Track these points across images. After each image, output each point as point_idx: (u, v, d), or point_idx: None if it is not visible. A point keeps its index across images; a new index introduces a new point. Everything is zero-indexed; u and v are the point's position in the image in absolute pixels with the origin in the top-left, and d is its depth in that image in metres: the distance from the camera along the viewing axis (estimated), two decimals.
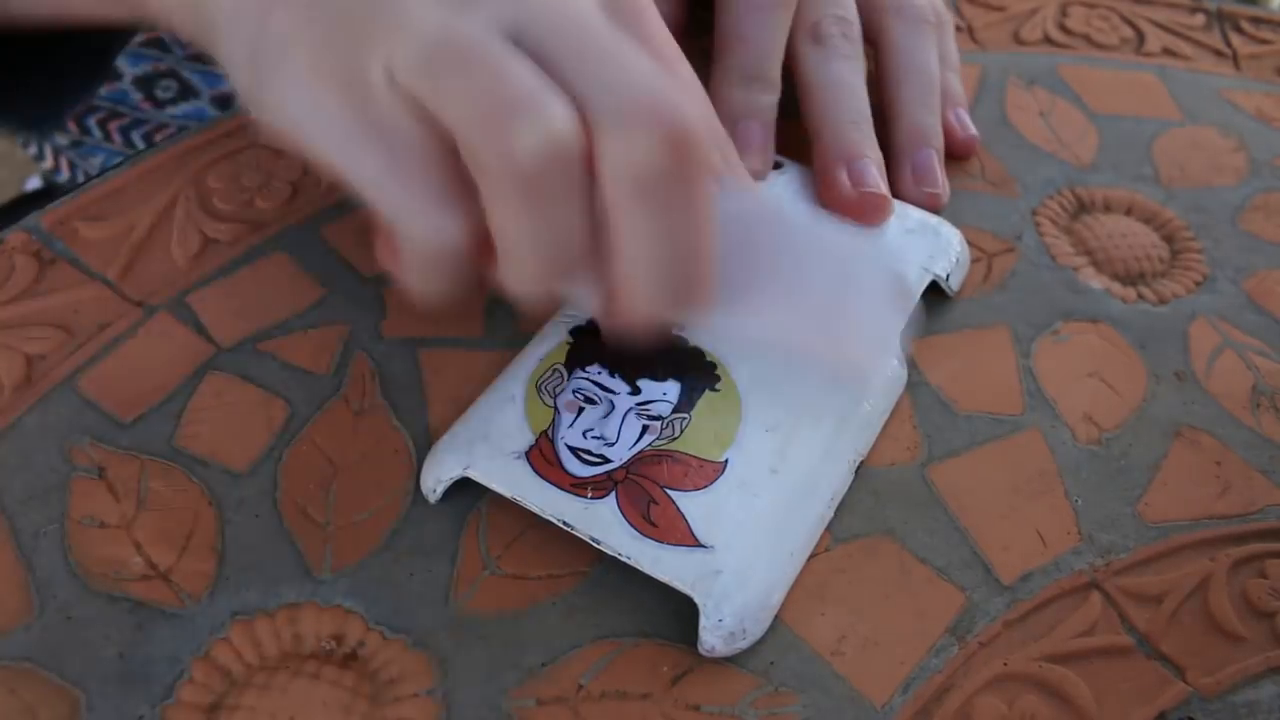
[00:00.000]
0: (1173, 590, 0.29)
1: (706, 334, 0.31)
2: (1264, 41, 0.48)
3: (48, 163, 0.61)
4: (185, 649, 0.26)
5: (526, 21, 0.23)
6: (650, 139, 0.22)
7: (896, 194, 0.35)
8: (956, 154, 0.39)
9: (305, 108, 0.24)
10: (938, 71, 0.39)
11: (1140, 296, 0.36)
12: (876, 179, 0.35)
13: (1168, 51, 0.47)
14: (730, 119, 0.36)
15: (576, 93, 0.23)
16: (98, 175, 0.36)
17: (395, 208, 0.24)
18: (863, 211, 0.34)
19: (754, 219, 0.27)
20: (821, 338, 0.28)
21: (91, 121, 0.57)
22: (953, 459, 0.31)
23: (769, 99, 0.36)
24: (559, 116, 0.22)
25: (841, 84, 0.36)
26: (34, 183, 0.68)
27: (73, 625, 0.27)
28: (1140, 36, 0.48)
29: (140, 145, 0.57)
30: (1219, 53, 0.47)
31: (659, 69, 0.24)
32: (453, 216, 0.24)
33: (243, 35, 0.25)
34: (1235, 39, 0.48)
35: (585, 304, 0.27)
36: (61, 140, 0.58)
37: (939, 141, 0.37)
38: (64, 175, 0.60)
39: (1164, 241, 0.38)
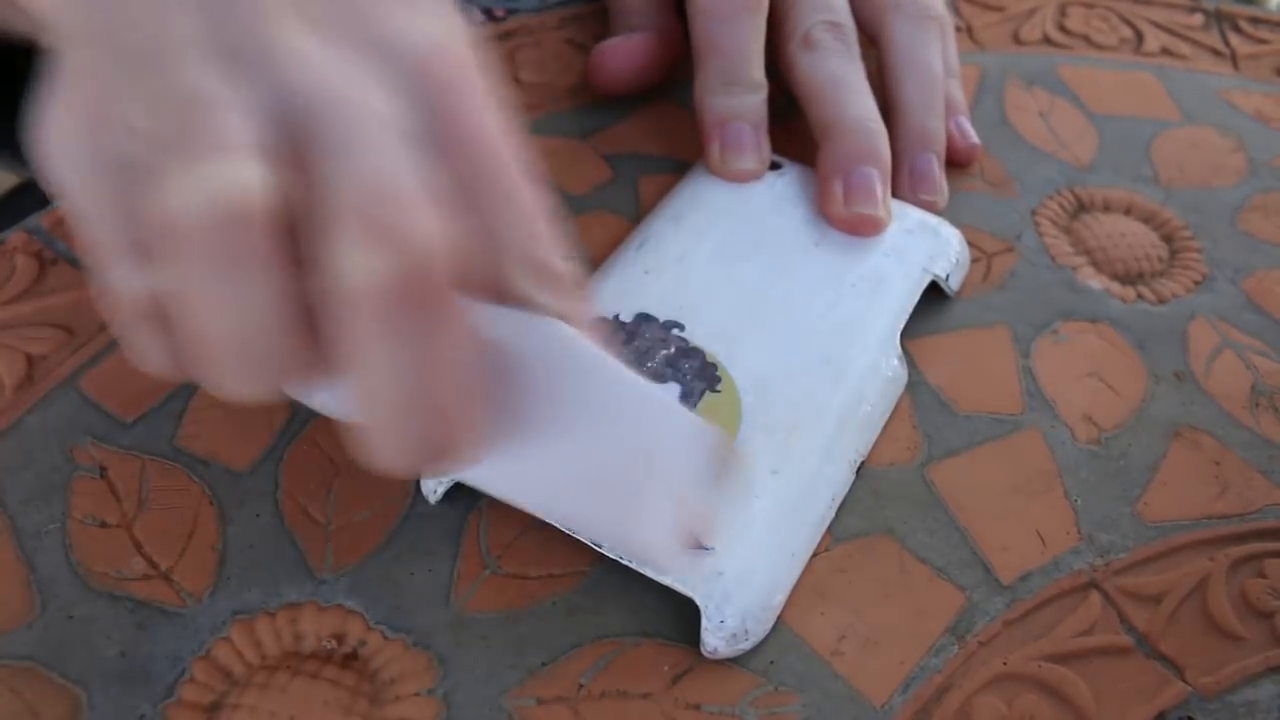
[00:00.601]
0: (1172, 590, 0.29)
1: (700, 338, 0.31)
2: (1262, 41, 0.48)
3: None
4: (186, 648, 0.26)
5: (295, 101, 0.20)
6: (380, 253, 0.19)
7: (894, 195, 0.35)
8: (957, 162, 0.39)
9: (54, 128, 0.21)
10: (941, 69, 0.38)
11: (1139, 296, 0.36)
12: (872, 192, 0.34)
13: (1166, 51, 0.47)
14: (718, 123, 0.36)
15: (318, 181, 0.19)
16: None
17: (89, 247, 0.21)
18: (853, 230, 0.34)
19: (539, 352, 0.23)
20: (599, 511, 0.23)
21: None
22: (952, 459, 0.31)
23: (754, 99, 0.36)
24: (231, 175, 0.19)
25: (840, 82, 0.36)
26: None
27: (74, 624, 0.27)
28: (1139, 36, 0.48)
29: None
30: (1217, 53, 0.47)
31: (425, 183, 0.20)
32: (134, 271, 0.21)
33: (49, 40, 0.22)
34: (1234, 39, 0.48)
35: (335, 411, 0.24)
36: None
37: (940, 145, 0.37)
38: None
39: (1163, 241, 0.38)
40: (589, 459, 0.23)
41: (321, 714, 0.25)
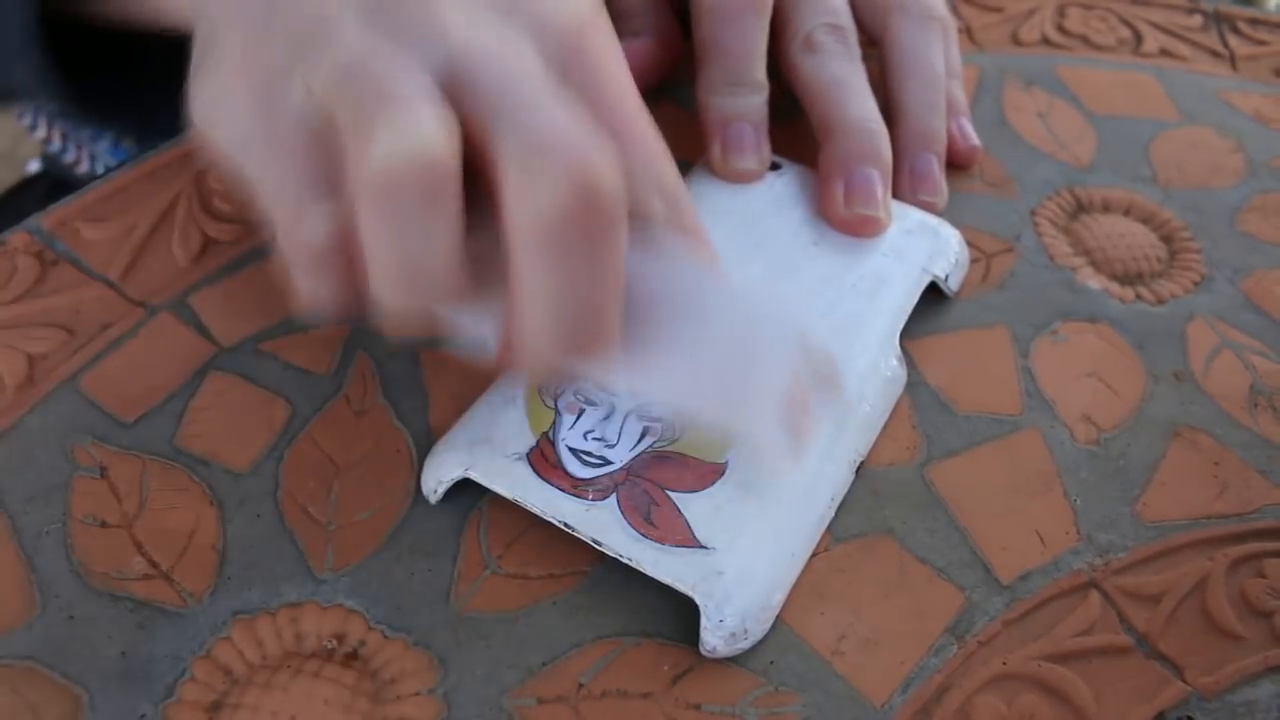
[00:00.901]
0: (1171, 590, 0.29)
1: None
2: (1261, 42, 0.48)
3: (41, 132, 0.61)
4: (187, 648, 0.26)
5: (457, 61, 0.23)
6: (556, 185, 0.22)
7: (894, 196, 0.35)
8: (958, 164, 0.39)
9: (219, 102, 0.25)
10: (943, 70, 0.38)
11: (1138, 297, 0.36)
12: (872, 193, 0.34)
13: (1165, 52, 0.47)
14: (719, 123, 0.36)
15: (490, 132, 0.22)
16: (97, 177, 0.37)
17: (271, 202, 0.24)
18: (853, 231, 0.34)
19: (666, 277, 0.26)
20: (714, 403, 0.26)
21: None
22: (952, 459, 0.31)
23: (756, 100, 0.36)
24: (427, 128, 0.22)
25: (841, 83, 0.36)
26: (34, 166, 0.68)
27: (75, 624, 0.27)
28: (1138, 37, 0.48)
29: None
30: (1216, 54, 0.47)
31: (586, 126, 0.23)
32: (320, 214, 0.24)
33: (200, 25, 0.26)
34: (1233, 40, 0.48)
35: (476, 339, 0.26)
36: (53, 107, 0.58)
37: (941, 146, 0.37)
38: (56, 145, 0.60)
39: (1162, 242, 0.39)
40: (706, 357, 0.26)
41: (322, 713, 0.25)
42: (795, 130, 0.38)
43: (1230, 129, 0.43)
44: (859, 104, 0.36)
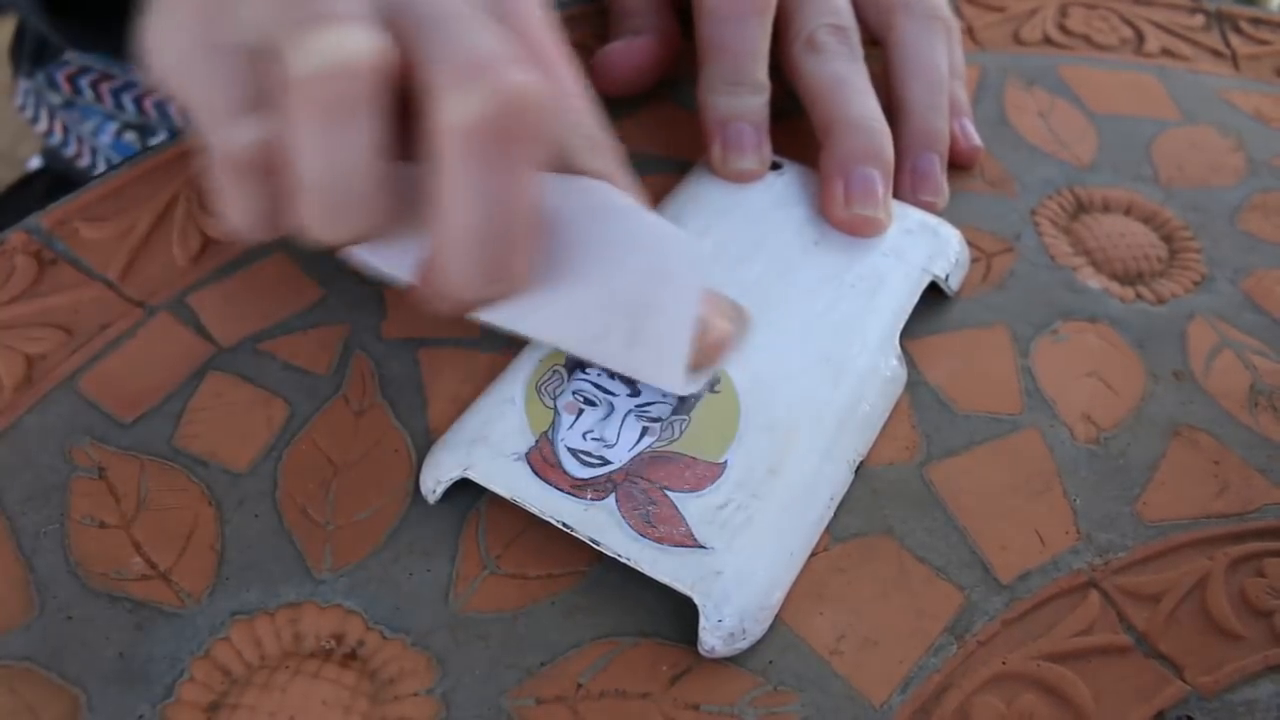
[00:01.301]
0: (1171, 589, 0.29)
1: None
2: (1263, 42, 0.48)
3: (42, 125, 0.61)
4: (185, 648, 0.26)
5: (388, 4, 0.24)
6: (480, 95, 0.23)
7: (895, 195, 0.35)
8: (959, 164, 0.39)
9: (164, 25, 0.26)
10: (946, 70, 0.38)
11: (1139, 296, 0.36)
12: (873, 193, 0.34)
13: (1167, 52, 0.47)
14: (720, 123, 0.36)
15: (420, 54, 0.24)
16: (96, 177, 0.36)
17: (202, 117, 0.26)
18: (853, 231, 0.34)
19: (578, 207, 0.27)
20: (612, 339, 0.27)
21: (84, 82, 0.57)
22: (951, 458, 0.31)
23: (757, 100, 0.36)
24: (356, 39, 0.23)
25: (843, 82, 0.36)
26: (35, 162, 0.68)
27: (73, 625, 0.27)
28: (1140, 37, 0.48)
29: (129, 108, 0.57)
30: (1218, 53, 0.47)
31: (510, 46, 0.24)
32: (246, 125, 0.24)
33: None
34: (1234, 39, 0.48)
35: (395, 269, 0.28)
36: (55, 99, 0.59)
37: (944, 146, 0.37)
38: (57, 138, 0.61)
39: (1162, 241, 0.38)
40: (614, 285, 0.27)
41: (321, 714, 0.25)
42: (795, 130, 0.38)
43: (1231, 128, 0.43)
44: (861, 103, 0.36)
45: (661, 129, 0.40)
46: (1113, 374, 0.34)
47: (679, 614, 0.27)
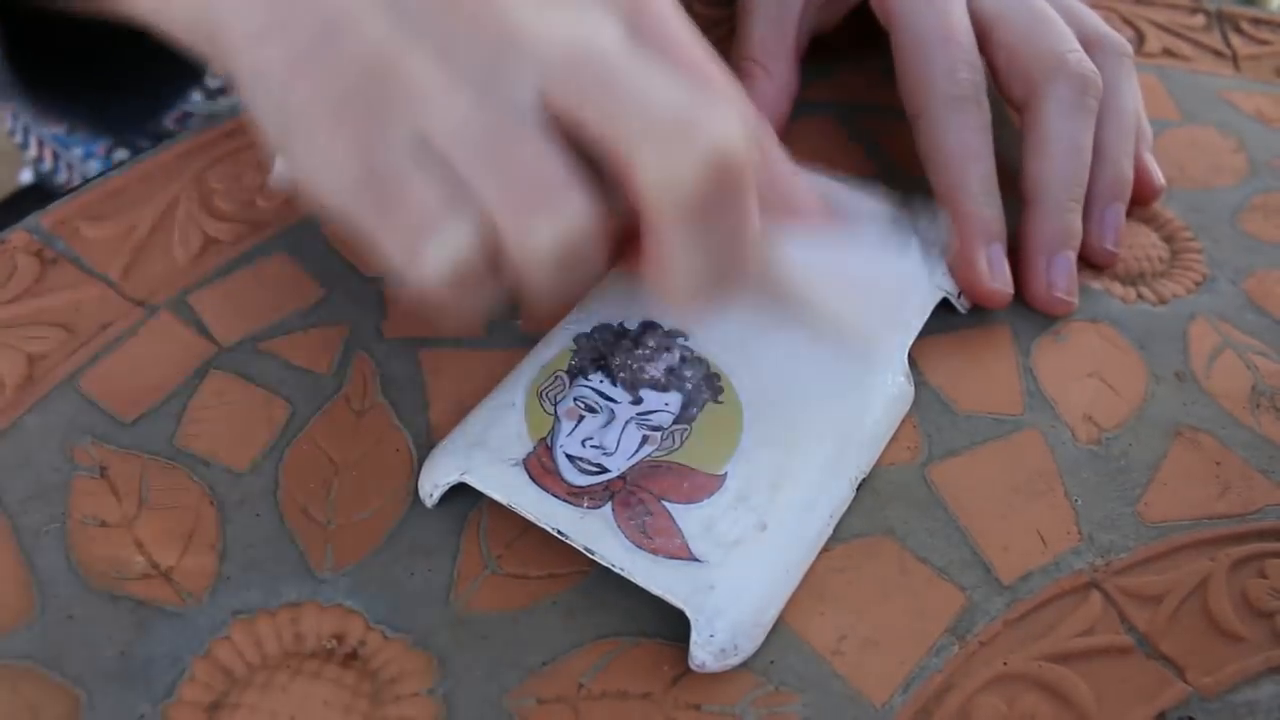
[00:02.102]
0: (1172, 590, 0.29)
1: (705, 348, 0.31)
2: (1264, 42, 0.48)
3: (32, 152, 0.61)
4: (186, 648, 0.26)
5: (551, 78, 0.23)
6: (691, 160, 0.22)
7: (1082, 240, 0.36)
8: (1141, 202, 0.39)
9: (318, 160, 0.24)
10: (1134, 110, 0.38)
11: (1140, 297, 0.36)
12: (1072, 278, 0.35)
13: (1168, 52, 0.47)
14: (986, 236, 0.35)
15: (605, 126, 0.23)
16: (94, 177, 0.36)
17: (387, 244, 0.24)
18: (1048, 310, 0.35)
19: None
20: (852, 304, 0.28)
21: None
22: (953, 459, 0.31)
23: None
24: (579, 210, 0.23)
25: (1079, 149, 0.36)
26: (26, 176, 0.68)
27: (74, 624, 0.27)
28: (1140, 37, 0.48)
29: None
30: (1219, 53, 0.47)
31: (689, 87, 0.23)
32: (456, 231, 0.23)
33: (270, 99, 0.25)
34: (1235, 40, 0.48)
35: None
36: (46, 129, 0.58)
37: (1128, 193, 0.37)
38: (46, 165, 0.60)
39: (1163, 242, 0.38)
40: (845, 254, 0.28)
41: (322, 714, 0.25)
42: (797, 129, 0.38)
43: (1232, 129, 0.43)
44: (1069, 183, 0.36)
45: None
46: (1114, 374, 0.34)
47: (680, 615, 0.27)
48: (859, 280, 0.28)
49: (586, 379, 0.30)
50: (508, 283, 0.24)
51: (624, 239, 0.25)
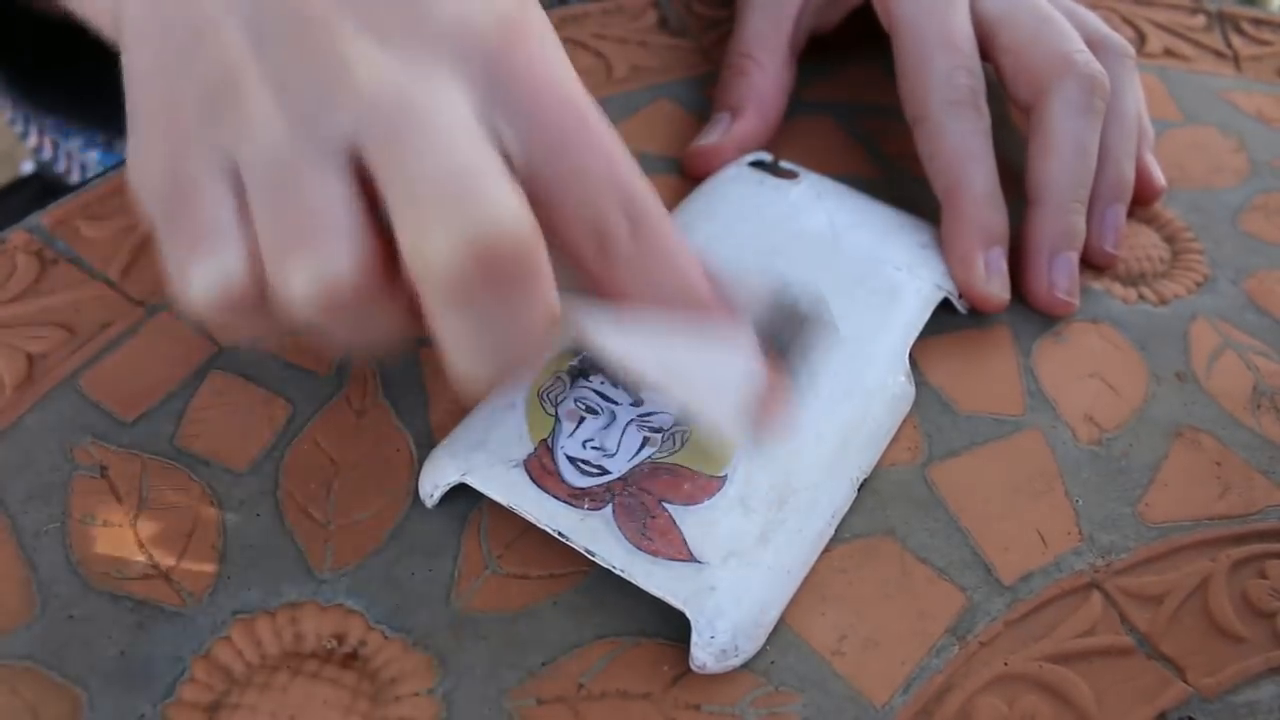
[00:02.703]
0: (1173, 590, 0.29)
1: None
2: (1264, 43, 0.48)
3: (32, 141, 0.61)
4: (186, 648, 0.26)
5: (361, 125, 0.22)
6: (446, 237, 0.21)
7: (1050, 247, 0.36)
8: (1142, 202, 0.39)
9: (138, 158, 0.24)
10: (1137, 111, 0.38)
11: (1141, 297, 0.36)
12: (1074, 278, 0.35)
13: (1169, 52, 0.47)
14: (986, 241, 0.35)
15: (386, 188, 0.22)
16: (95, 176, 0.36)
17: (169, 252, 0.24)
18: (1049, 310, 0.35)
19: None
20: (676, 382, 0.26)
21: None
22: (953, 459, 0.31)
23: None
24: (341, 255, 0.21)
25: (1085, 151, 0.36)
26: (28, 167, 0.68)
27: (74, 624, 0.27)
28: (1141, 37, 0.48)
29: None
30: (1220, 54, 0.47)
31: (481, 165, 0.22)
32: (210, 270, 0.23)
33: (131, 97, 0.25)
34: (1236, 40, 0.48)
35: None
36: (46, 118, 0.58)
37: (1129, 194, 0.37)
38: (47, 154, 0.61)
39: (1164, 242, 0.38)
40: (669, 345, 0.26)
41: (322, 714, 0.25)
42: (798, 131, 0.38)
43: (1233, 129, 0.43)
44: (1074, 183, 0.35)
45: (661, 129, 0.40)
46: (1115, 375, 0.34)
47: (680, 615, 0.27)
48: (688, 368, 0.26)
49: (587, 380, 0.30)
50: (282, 319, 0.23)
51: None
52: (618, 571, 0.27)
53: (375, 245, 0.22)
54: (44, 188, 0.62)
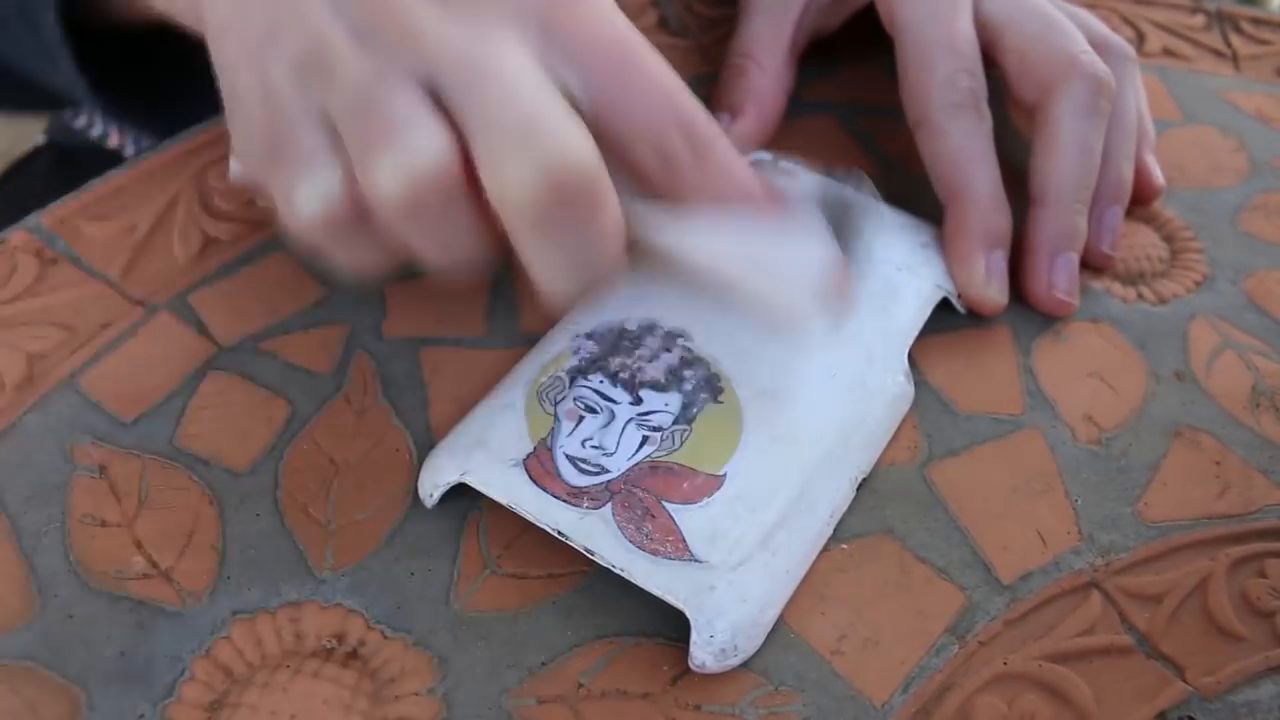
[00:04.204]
0: (1172, 590, 0.29)
1: (706, 348, 0.31)
2: (1264, 42, 0.48)
3: (83, 119, 0.60)
4: (186, 648, 0.26)
5: (434, 73, 0.25)
6: (523, 172, 0.24)
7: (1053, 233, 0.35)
8: (1141, 201, 0.39)
9: (242, 133, 0.27)
10: (1137, 113, 0.38)
11: (1140, 296, 0.36)
12: (1074, 278, 0.35)
13: (1168, 52, 0.47)
14: (987, 243, 0.35)
15: (465, 131, 0.24)
16: (95, 176, 0.36)
17: (264, 174, 0.27)
18: (1048, 310, 0.35)
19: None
20: (755, 272, 0.28)
21: None
22: (953, 459, 0.31)
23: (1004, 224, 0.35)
24: (423, 148, 0.24)
25: (1089, 149, 0.36)
26: (38, 139, 0.67)
27: (74, 624, 0.27)
28: (1141, 37, 0.48)
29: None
30: (1219, 53, 0.47)
31: (547, 105, 0.24)
32: (317, 187, 0.26)
33: (225, 86, 0.27)
34: (1235, 40, 0.48)
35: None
36: None
37: (1128, 196, 0.37)
38: (98, 130, 0.60)
39: (1164, 242, 0.38)
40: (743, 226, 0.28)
41: (322, 713, 0.25)
42: (800, 128, 0.38)
43: (1232, 129, 0.43)
44: (1077, 182, 0.35)
45: None
46: (1114, 374, 0.34)
47: (680, 615, 0.27)
48: (765, 258, 0.28)
49: (586, 379, 0.30)
50: (381, 234, 0.26)
51: None
52: (617, 571, 0.27)
53: (457, 147, 0.24)
54: (56, 157, 0.62)
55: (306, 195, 0.26)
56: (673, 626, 0.27)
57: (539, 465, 0.28)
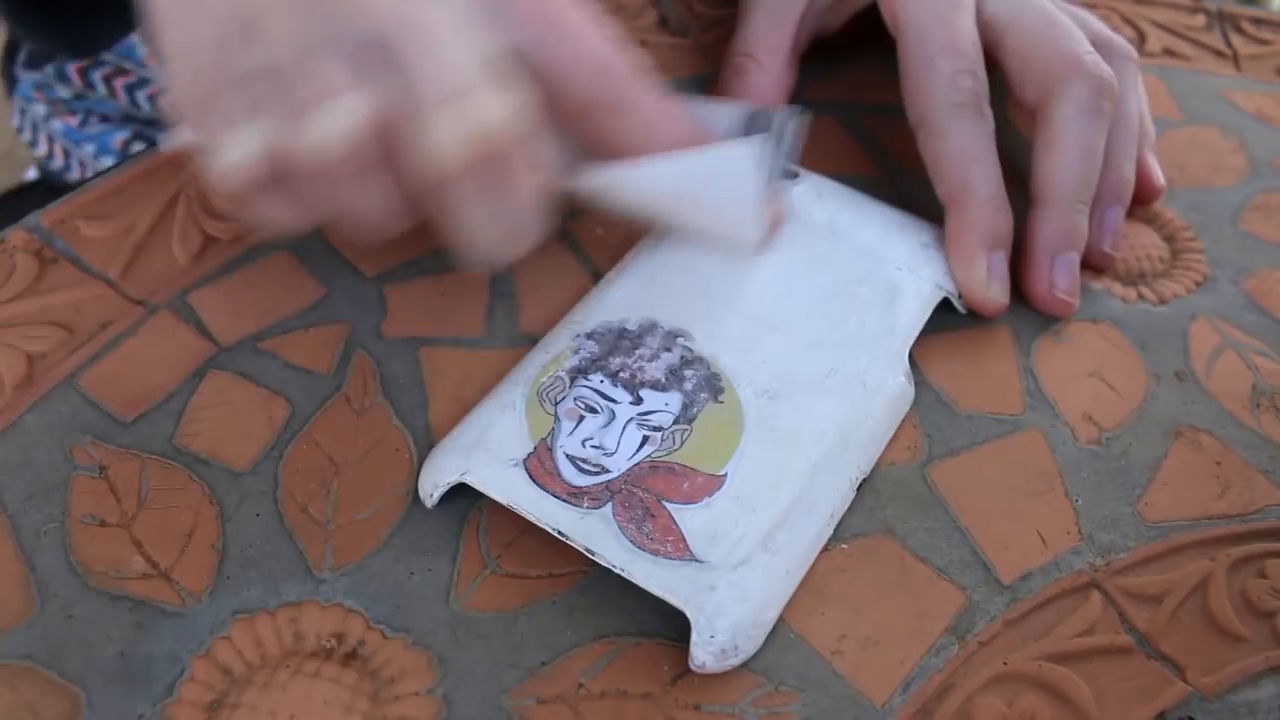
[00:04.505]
0: (1173, 590, 0.29)
1: (706, 348, 0.31)
2: (1264, 42, 0.48)
3: (41, 150, 0.61)
4: (186, 647, 0.26)
5: (374, 39, 0.25)
6: (448, 134, 0.25)
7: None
8: (1142, 201, 0.39)
9: (175, 89, 0.27)
10: (1138, 114, 0.38)
11: (1140, 296, 0.36)
12: (1076, 278, 0.35)
13: (1168, 52, 0.47)
14: (987, 243, 0.35)
15: (392, 89, 0.25)
16: (96, 175, 0.36)
17: (195, 129, 0.27)
18: (1049, 310, 0.35)
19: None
20: (688, 208, 0.31)
21: (96, 76, 0.57)
22: (953, 458, 0.31)
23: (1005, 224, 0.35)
24: (347, 112, 0.25)
25: (1091, 150, 0.36)
26: (31, 174, 0.68)
27: (73, 623, 0.27)
28: (1141, 37, 0.48)
29: (145, 106, 0.57)
30: (1220, 53, 0.47)
31: (472, 67, 0.25)
32: (249, 137, 0.26)
33: (179, 74, 0.28)
34: (1236, 39, 0.48)
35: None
36: (64, 93, 0.58)
37: (1129, 197, 0.37)
38: (58, 163, 0.60)
39: (1164, 241, 0.38)
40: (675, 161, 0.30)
41: (321, 713, 0.25)
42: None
43: (1233, 128, 0.43)
44: (1076, 182, 0.35)
45: None
46: (1114, 374, 0.34)
47: (680, 615, 0.27)
48: (696, 193, 0.31)
49: (587, 379, 0.30)
50: (303, 193, 0.27)
51: None
52: (617, 570, 0.27)
53: (381, 112, 0.25)
54: (48, 194, 0.62)
55: (231, 153, 0.26)
56: (673, 626, 0.27)
57: (539, 465, 0.28)
